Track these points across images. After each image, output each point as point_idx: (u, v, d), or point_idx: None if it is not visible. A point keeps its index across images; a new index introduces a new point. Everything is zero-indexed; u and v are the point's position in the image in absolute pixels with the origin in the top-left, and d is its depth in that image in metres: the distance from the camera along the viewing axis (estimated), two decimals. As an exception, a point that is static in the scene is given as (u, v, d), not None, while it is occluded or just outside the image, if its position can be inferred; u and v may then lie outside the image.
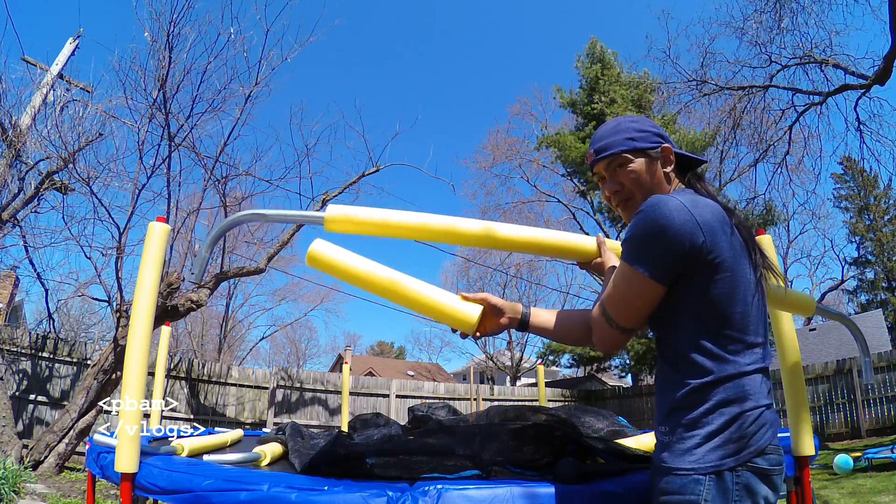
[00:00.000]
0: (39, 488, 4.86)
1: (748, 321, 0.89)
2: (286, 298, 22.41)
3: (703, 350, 0.88)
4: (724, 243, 0.88)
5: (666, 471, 0.87)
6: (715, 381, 0.86)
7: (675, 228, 0.85)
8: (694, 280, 0.88)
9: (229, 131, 6.97)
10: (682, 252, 0.86)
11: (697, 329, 0.89)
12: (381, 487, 0.96)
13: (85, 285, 8.40)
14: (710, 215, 0.88)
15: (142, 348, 1.29)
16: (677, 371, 0.91)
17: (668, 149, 1.04)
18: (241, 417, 8.55)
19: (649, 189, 1.02)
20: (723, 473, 0.83)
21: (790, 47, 9.26)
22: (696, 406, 0.87)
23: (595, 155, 1.07)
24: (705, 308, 0.89)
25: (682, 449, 0.86)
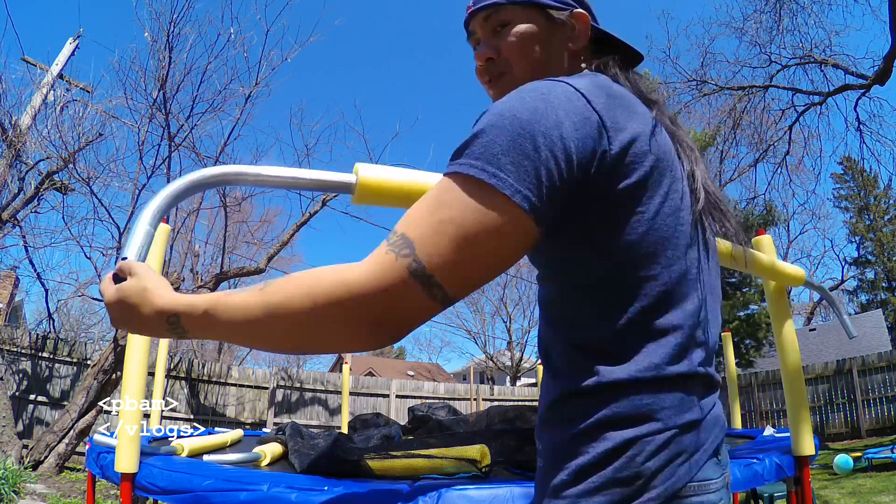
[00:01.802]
0: (39, 488, 4.86)
1: (671, 296, 0.56)
2: (286, 298, 22.35)
3: (588, 338, 0.57)
4: (646, 161, 0.55)
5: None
6: (598, 388, 0.55)
7: (561, 119, 0.51)
8: (587, 218, 0.55)
9: (229, 131, 7.00)
10: (572, 164, 0.51)
11: (579, 295, 0.58)
12: (381, 487, 0.96)
13: (85, 285, 8.41)
14: (624, 112, 0.55)
15: (142, 348, 1.29)
16: (554, 367, 0.61)
17: (583, 16, 0.70)
18: (241, 417, 8.55)
19: (538, 64, 0.69)
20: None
21: (790, 47, 9.28)
22: (569, 424, 0.56)
23: (473, 5, 0.72)
24: (601, 263, 0.56)
25: (551, 486, 0.57)
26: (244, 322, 0.52)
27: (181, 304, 0.55)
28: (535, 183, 0.50)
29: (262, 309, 0.51)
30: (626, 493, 0.53)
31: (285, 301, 0.50)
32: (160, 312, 0.56)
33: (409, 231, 0.50)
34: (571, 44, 0.70)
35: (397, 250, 0.49)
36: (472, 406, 9.97)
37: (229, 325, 0.53)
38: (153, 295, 0.56)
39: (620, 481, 0.53)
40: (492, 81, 0.72)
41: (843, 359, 10.60)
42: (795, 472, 1.57)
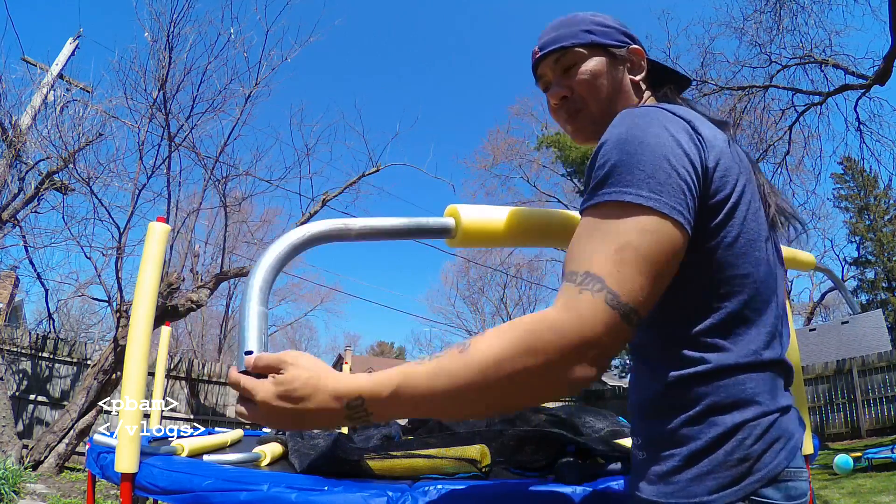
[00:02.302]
0: (39, 488, 4.86)
1: (760, 291, 0.61)
2: (286, 298, 22.48)
3: (691, 332, 0.60)
4: (732, 173, 0.60)
5: (635, 501, 0.62)
6: (704, 376, 0.58)
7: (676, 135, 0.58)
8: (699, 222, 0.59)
9: (229, 131, 6.99)
10: (696, 171, 0.57)
11: (687, 301, 0.61)
12: (381, 487, 0.96)
13: (85, 285, 8.41)
14: (710, 131, 0.62)
15: (142, 348, 1.29)
16: (653, 361, 0.64)
17: (639, 51, 0.78)
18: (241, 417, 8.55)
19: (609, 99, 0.76)
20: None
21: (790, 47, 9.28)
22: (676, 413, 0.59)
23: (539, 51, 0.79)
24: (704, 265, 0.60)
25: (656, 473, 0.60)
26: (448, 391, 0.51)
27: (364, 384, 0.52)
28: (682, 199, 0.55)
29: (474, 372, 0.50)
30: (734, 475, 0.56)
31: (500, 360, 0.50)
32: (338, 397, 0.52)
33: (591, 268, 0.52)
34: (632, 76, 0.78)
35: (590, 287, 0.51)
36: (472, 406, 9.98)
37: (429, 397, 0.51)
38: (325, 380, 0.53)
39: (730, 464, 0.56)
40: (569, 118, 0.78)
41: (843, 359, 10.60)
42: (795, 472, 1.57)
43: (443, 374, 0.51)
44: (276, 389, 0.53)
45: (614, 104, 0.76)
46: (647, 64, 0.79)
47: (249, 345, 0.64)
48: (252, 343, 0.65)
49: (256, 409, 0.55)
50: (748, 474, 0.56)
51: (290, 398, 0.52)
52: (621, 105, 0.76)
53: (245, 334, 0.66)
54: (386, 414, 0.53)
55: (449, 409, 0.53)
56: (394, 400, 0.52)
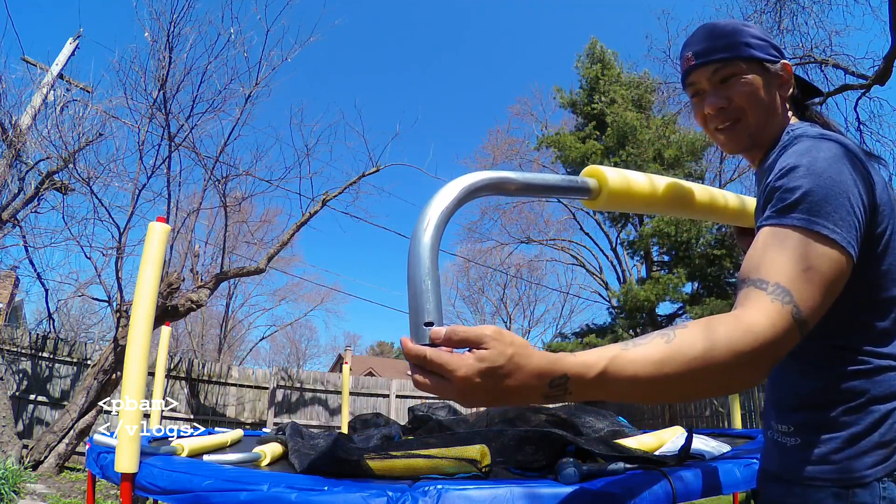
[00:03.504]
0: (39, 488, 4.86)
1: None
2: (286, 298, 22.44)
3: (847, 336, 0.71)
4: (887, 208, 0.70)
5: (790, 481, 0.72)
6: (865, 373, 0.69)
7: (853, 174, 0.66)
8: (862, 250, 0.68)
9: (229, 131, 6.97)
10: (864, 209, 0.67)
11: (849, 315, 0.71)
12: (381, 487, 0.96)
13: (85, 285, 8.40)
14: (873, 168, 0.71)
15: (142, 348, 1.29)
16: (812, 363, 0.73)
17: (788, 66, 0.82)
18: (241, 417, 8.55)
19: (766, 111, 0.81)
20: (867, 486, 0.67)
21: (790, 47, 9.26)
22: (838, 403, 0.70)
23: (694, 59, 0.82)
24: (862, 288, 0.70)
25: (814, 455, 0.70)
26: (652, 378, 0.55)
27: (570, 365, 0.53)
28: (854, 234, 0.64)
29: (679, 364, 0.55)
30: (886, 453, 0.67)
31: (706, 354, 0.55)
32: (542, 375, 0.53)
33: (781, 280, 0.61)
34: (782, 91, 0.82)
35: (781, 299, 0.60)
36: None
37: (632, 382, 0.54)
38: (530, 358, 0.53)
39: (884, 444, 0.67)
40: (724, 128, 0.83)
41: (843, 359, 10.59)
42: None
43: (649, 362, 0.55)
44: (480, 366, 0.51)
45: (769, 117, 0.81)
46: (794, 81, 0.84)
47: (429, 315, 0.60)
48: (432, 314, 0.60)
49: (451, 386, 0.53)
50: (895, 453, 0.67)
51: (494, 375, 0.51)
52: (774, 120, 0.81)
53: (422, 304, 0.61)
54: (584, 394, 0.55)
55: (648, 394, 0.56)
56: (598, 381, 0.54)
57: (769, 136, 0.82)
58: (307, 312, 23.83)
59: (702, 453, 1.46)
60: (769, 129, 0.81)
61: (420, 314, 0.60)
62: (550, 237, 18.53)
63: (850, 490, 0.67)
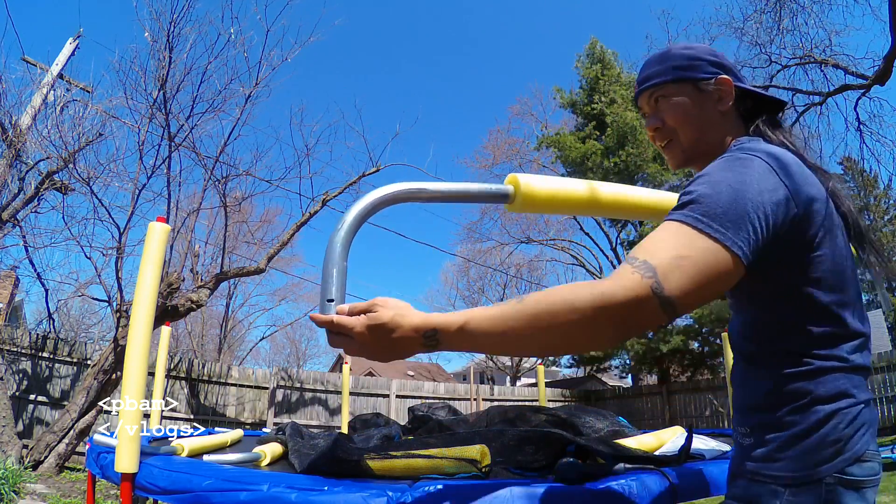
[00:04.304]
0: (39, 488, 4.86)
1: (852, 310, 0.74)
2: (286, 298, 22.43)
3: (793, 339, 0.74)
4: (819, 216, 0.72)
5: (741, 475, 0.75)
6: (808, 374, 0.72)
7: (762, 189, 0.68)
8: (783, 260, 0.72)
9: (229, 131, 6.98)
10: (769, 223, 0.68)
11: (791, 320, 0.74)
12: (381, 487, 0.96)
13: (85, 285, 8.40)
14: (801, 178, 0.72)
15: (142, 348, 1.29)
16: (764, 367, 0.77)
17: (726, 80, 0.85)
18: (241, 417, 8.55)
19: (698, 129, 0.86)
20: (809, 484, 0.69)
21: (790, 47, 9.27)
22: (784, 404, 0.73)
23: (637, 86, 0.92)
24: (796, 293, 0.73)
25: (765, 453, 0.73)
26: (503, 332, 0.63)
27: (437, 321, 0.66)
28: (745, 238, 0.66)
29: (525, 319, 0.62)
30: (830, 453, 0.69)
31: (548, 310, 0.62)
32: (417, 330, 0.66)
33: (651, 259, 0.63)
34: (720, 106, 0.85)
35: (642, 272, 0.62)
36: (472, 406, 9.97)
37: (486, 336, 0.64)
38: (407, 317, 0.67)
39: (827, 444, 0.69)
40: (663, 147, 0.89)
41: (843, 359, 10.59)
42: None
43: (499, 318, 0.63)
44: (370, 323, 0.66)
45: (704, 134, 0.85)
46: (735, 92, 0.85)
47: (332, 294, 0.77)
48: (335, 293, 0.77)
49: (353, 342, 0.69)
50: (841, 453, 0.69)
51: (381, 330, 0.66)
52: (711, 134, 0.85)
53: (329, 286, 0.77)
54: (452, 345, 0.66)
55: (502, 347, 0.66)
56: (460, 334, 0.65)
57: (705, 150, 0.86)
58: (307, 312, 23.80)
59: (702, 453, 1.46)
60: (703, 144, 0.84)
61: (326, 293, 0.76)
62: (550, 237, 18.53)
63: (789, 488, 0.69)
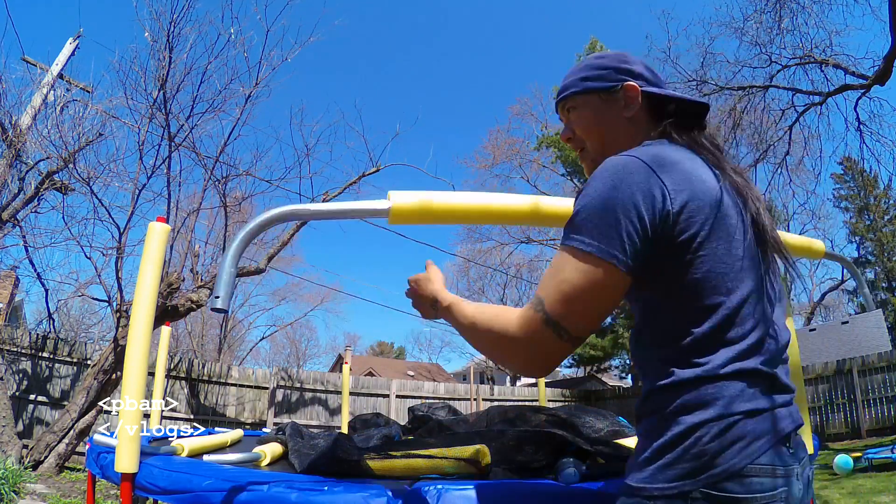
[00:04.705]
0: (39, 488, 4.86)
1: (732, 316, 0.69)
2: (286, 298, 22.44)
3: (666, 346, 0.72)
4: (701, 215, 0.69)
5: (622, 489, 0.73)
6: (676, 385, 0.69)
7: (633, 191, 0.67)
8: (662, 263, 0.70)
9: (229, 131, 6.98)
10: (646, 225, 0.67)
11: (662, 320, 0.73)
12: (381, 487, 0.96)
13: (85, 285, 8.40)
14: (681, 176, 0.70)
15: (142, 348, 1.29)
16: (643, 371, 0.76)
17: (632, 87, 0.85)
18: (241, 417, 8.55)
19: (602, 136, 0.87)
20: (672, 499, 0.65)
21: (790, 47, 9.27)
22: (654, 413, 0.71)
23: (555, 98, 0.94)
24: (676, 297, 0.71)
25: (637, 464, 0.71)
26: (462, 326, 0.82)
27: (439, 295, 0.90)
28: (619, 245, 0.67)
29: (471, 323, 0.79)
30: (692, 467, 0.65)
31: (481, 325, 0.77)
32: (428, 296, 0.92)
33: (540, 292, 0.70)
34: (626, 113, 0.85)
35: (535, 307, 0.70)
36: (472, 406, 9.97)
37: (455, 322, 0.84)
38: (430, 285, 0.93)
39: (689, 457, 0.65)
40: (579, 155, 0.93)
41: (843, 359, 10.59)
42: (795, 472, 1.57)
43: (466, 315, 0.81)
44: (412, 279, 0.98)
45: (612, 141, 0.85)
46: (643, 98, 0.85)
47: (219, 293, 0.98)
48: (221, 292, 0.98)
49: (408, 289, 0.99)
50: (708, 468, 0.64)
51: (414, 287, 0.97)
52: (620, 141, 0.84)
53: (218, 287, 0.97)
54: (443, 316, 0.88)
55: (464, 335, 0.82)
56: (446, 312, 0.87)
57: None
58: (307, 312, 23.85)
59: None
60: (612, 151, 0.82)
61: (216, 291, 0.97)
62: (550, 237, 18.53)
63: (654, 500, 0.66)
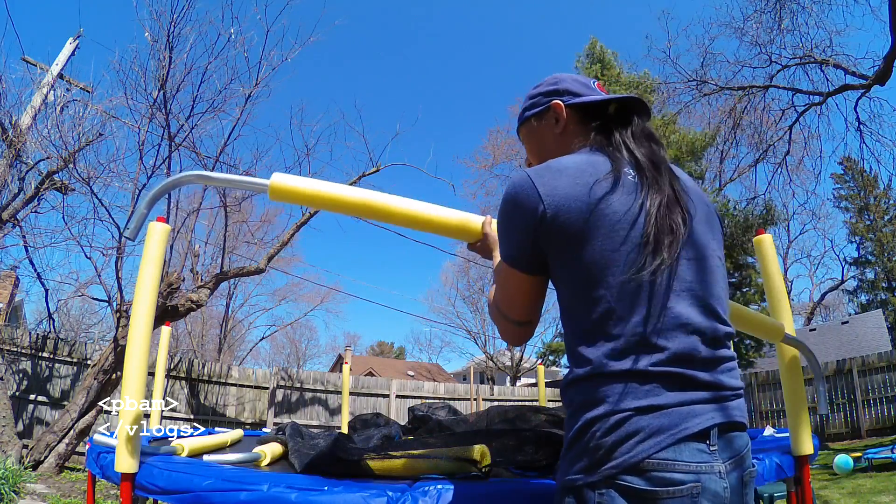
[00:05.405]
0: (39, 488, 4.86)
1: (615, 309, 0.72)
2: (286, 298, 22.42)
3: (568, 343, 0.78)
4: (580, 212, 0.73)
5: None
6: (573, 382, 0.75)
7: (517, 204, 0.77)
8: (554, 260, 0.78)
9: (229, 131, 6.98)
10: (528, 232, 0.76)
11: (566, 318, 0.79)
12: (381, 487, 0.97)
13: (85, 285, 8.40)
14: (565, 180, 0.75)
15: (142, 348, 1.29)
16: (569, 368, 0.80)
17: (556, 104, 0.92)
18: (241, 417, 8.55)
19: (541, 157, 0.93)
20: (581, 490, 0.69)
21: (790, 47, 9.27)
22: (567, 408, 0.76)
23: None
24: (565, 293, 0.78)
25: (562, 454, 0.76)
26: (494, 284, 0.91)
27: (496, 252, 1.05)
28: (510, 245, 0.81)
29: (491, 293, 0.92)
30: (592, 460, 0.69)
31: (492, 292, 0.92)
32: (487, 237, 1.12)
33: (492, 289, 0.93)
34: (557, 129, 0.93)
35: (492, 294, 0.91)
36: (472, 406, 9.97)
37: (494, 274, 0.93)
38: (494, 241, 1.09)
39: (589, 451, 0.69)
40: None
41: (843, 359, 10.60)
42: (795, 472, 1.57)
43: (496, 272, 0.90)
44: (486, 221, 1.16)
45: (547, 157, 0.89)
46: (574, 110, 0.92)
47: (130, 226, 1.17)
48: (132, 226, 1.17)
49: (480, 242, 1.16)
50: (606, 461, 0.68)
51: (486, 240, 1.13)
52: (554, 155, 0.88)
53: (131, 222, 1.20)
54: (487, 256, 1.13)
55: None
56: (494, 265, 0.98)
57: None
58: (307, 312, 23.82)
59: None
60: None
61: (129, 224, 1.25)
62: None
63: (565, 496, 0.71)
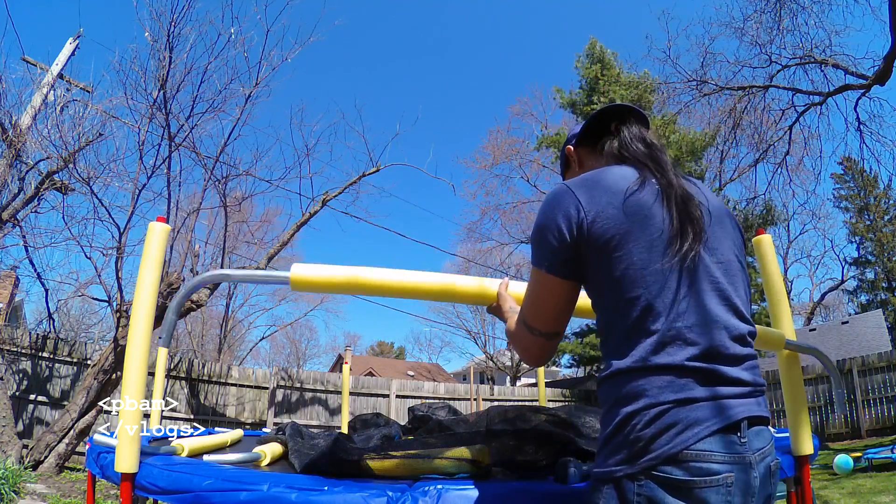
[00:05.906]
0: (39, 488, 4.86)
1: (653, 309, 0.77)
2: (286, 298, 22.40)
3: (607, 341, 0.83)
4: (615, 221, 0.80)
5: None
6: (611, 376, 0.79)
7: (558, 211, 0.83)
8: (589, 265, 0.83)
9: (229, 131, 6.99)
10: (565, 237, 0.82)
11: (602, 317, 0.84)
12: (381, 487, 0.97)
13: (85, 285, 8.39)
14: (601, 187, 0.83)
15: (142, 348, 1.29)
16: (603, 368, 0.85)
17: (567, 149, 1.12)
18: (241, 417, 8.55)
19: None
20: (620, 482, 0.73)
21: (790, 47, 9.27)
22: (603, 404, 0.81)
23: None
24: (605, 294, 0.82)
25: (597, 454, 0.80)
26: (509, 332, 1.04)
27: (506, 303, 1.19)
28: (547, 254, 0.86)
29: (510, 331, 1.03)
30: (631, 452, 0.73)
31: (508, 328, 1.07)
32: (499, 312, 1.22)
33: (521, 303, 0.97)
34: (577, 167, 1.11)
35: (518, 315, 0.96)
36: (472, 406, 9.97)
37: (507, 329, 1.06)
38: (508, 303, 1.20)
39: (628, 443, 0.73)
40: None
41: (843, 359, 10.60)
42: (795, 472, 1.57)
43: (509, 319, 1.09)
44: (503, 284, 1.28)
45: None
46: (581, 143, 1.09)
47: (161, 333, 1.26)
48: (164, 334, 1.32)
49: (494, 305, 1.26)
50: (645, 452, 0.72)
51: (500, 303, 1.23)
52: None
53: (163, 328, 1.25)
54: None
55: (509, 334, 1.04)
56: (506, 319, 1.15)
57: None
58: (307, 312, 23.82)
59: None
60: None
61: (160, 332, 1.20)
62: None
63: (604, 486, 0.75)
